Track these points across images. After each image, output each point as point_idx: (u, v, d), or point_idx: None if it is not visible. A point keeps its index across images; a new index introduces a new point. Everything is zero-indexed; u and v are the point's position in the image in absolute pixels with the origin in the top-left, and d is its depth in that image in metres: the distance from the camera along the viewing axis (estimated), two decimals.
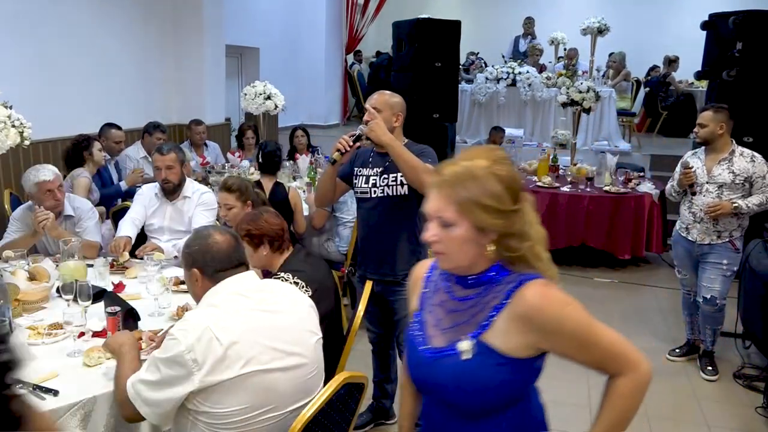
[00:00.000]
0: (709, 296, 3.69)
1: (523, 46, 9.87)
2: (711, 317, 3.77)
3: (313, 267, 2.64)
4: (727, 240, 3.66)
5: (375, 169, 2.82)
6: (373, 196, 2.81)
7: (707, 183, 3.68)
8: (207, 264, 1.86)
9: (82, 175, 4.31)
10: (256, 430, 1.74)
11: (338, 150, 2.68)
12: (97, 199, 4.47)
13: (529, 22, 9.97)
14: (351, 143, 2.67)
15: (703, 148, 3.77)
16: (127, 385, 1.77)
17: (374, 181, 2.81)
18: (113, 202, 4.58)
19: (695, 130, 3.77)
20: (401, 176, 2.71)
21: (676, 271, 4.03)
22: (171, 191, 3.53)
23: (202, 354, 1.65)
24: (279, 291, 1.96)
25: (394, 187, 2.76)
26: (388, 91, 2.86)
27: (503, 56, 9.76)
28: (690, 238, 3.78)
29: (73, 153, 4.42)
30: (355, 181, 2.88)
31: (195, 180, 4.71)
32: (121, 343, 1.98)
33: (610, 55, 9.39)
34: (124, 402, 1.80)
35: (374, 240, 2.89)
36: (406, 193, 2.75)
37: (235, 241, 1.94)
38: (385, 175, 2.79)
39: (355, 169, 2.86)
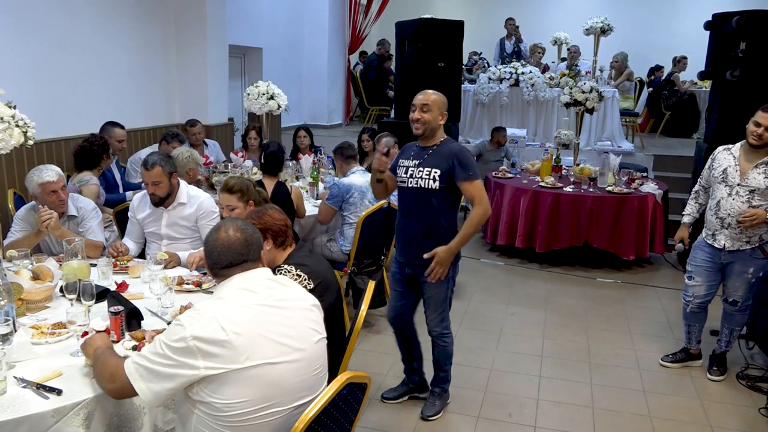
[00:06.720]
0: (731, 300, 3.71)
1: (509, 47, 9.85)
2: (731, 315, 3.77)
3: (316, 262, 2.66)
4: (756, 245, 3.55)
5: (414, 161, 3.10)
6: (409, 186, 3.10)
7: (739, 185, 3.50)
8: (214, 261, 1.91)
9: (92, 182, 4.32)
10: (259, 426, 1.74)
11: (380, 170, 3.12)
12: (103, 202, 4.48)
13: (511, 23, 9.94)
14: (386, 158, 3.10)
15: (738, 144, 3.60)
16: (126, 362, 1.79)
17: (411, 172, 3.09)
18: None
19: (757, 131, 3.40)
20: (435, 172, 3.00)
21: (687, 276, 3.86)
22: (158, 203, 3.49)
23: (206, 343, 1.68)
24: (286, 288, 1.96)
25: (427, 180, 3.02)
26: (432, 90, 3.09)
27: (506, 55, 9.75)
28: (717, 246, 3.64)
29: (92, 154, 4.40)
30: (398, 170, 3.19)
31: (199, 180, 4.73)
32: (97, 346, 2.00)
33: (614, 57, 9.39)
34: (113, 376, 1.81)
35: (407, 225, 3.16)
36: (437, 188, 3.01)
37: (246, 236, 1.92)
38: (421, 168, 3.06)
39: (400, 160, 3.18)
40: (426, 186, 3.03)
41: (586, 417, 3.35)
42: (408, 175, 3.10)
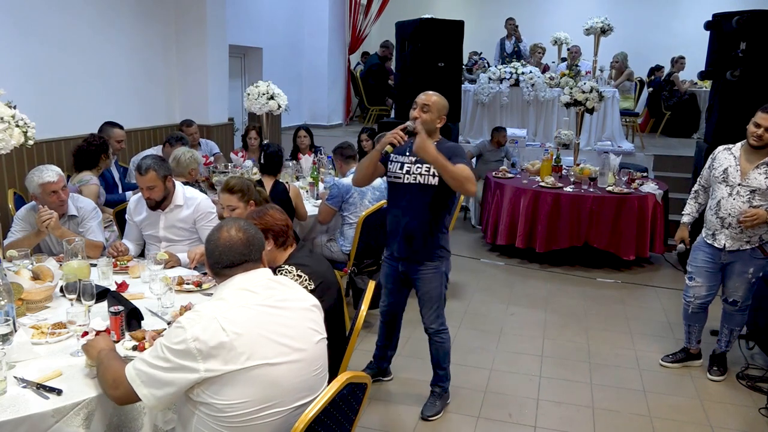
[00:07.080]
0: (731, 300, 3.71)
1: (509, 47, 9.85)
2: (731, 316, 3.77)
3: (317, 262, 2.66)
4: (756, 245, 3.55)
5: (411, 158, 3.10)
6: (405, 182, 3.11)
7: (739, 185, 3.49)
8: (215, 261, 1.90)
9: (92, 182, 4.32)
10: (260, 426, 1.74)
11: (391, 144, 2.98)
12: (103, 202, 4.48)
13: (511, 23, 9.94)
14: (405, 137, 2.98)
15: (739, 144, 3.60)
16: (127, 367, 1.79)
17: (408, 168, 3.11)
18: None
19: (757, 131, 3.39)
20: (434, 168, 3.00)
21: (687, 277, 3.86)
22: (155, 206, 3.47)
23: (206, 344, 1.67)
24: (286, 288, 1.96)
25: (426, 176, 3.07)
26: (435, 92, 3.15)
27: (506, 55, 9.76)
28: (717, 245, 3.64)
29: (90, 154, 4.40)
30: (389, 165, 3.17)
31: (197, 180, 4.73)
32: (101, 348, 2.00)
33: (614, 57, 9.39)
34: (115, 382, 1.81)
35: (401, 222, 3.17)
36: (436, 184, 3.05)
37: (248, 236, 1.91)
38: (419, 165, 3.09)
39: (392, 155, 3.13)
40: (425, 182, 3.07)
41: (586, 417, 3.35)
42: (404, 171, 3.12)
